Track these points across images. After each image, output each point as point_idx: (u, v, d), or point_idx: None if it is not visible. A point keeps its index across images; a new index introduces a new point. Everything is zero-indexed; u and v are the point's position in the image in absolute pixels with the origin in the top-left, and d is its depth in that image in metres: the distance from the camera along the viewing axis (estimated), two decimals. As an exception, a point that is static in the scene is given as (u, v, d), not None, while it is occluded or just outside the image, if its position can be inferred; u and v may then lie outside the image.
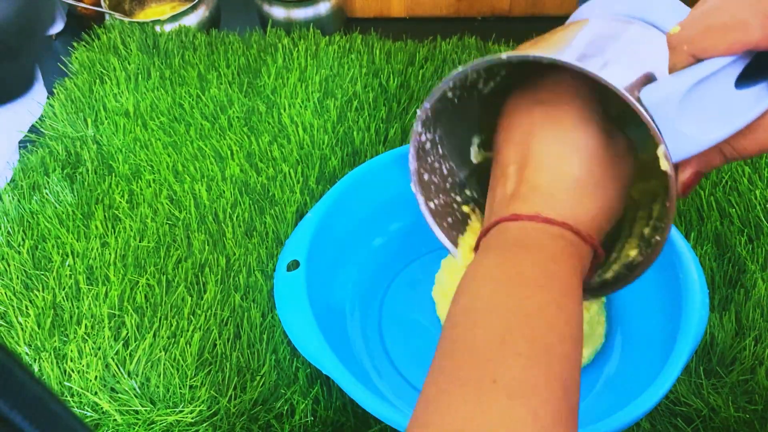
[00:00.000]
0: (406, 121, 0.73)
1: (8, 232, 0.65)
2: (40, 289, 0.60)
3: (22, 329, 0.57)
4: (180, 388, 0.53)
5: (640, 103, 0.34)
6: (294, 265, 0.55)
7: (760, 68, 0.33)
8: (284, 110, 0.75)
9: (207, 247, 0.63)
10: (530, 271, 0.35)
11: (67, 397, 0.53)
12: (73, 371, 0.54)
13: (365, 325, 0.59)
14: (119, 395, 0.53)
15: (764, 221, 0.62)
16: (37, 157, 0.72)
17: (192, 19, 0.87)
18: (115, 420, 0.52)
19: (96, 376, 0.54)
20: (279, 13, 0.86)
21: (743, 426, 0.50)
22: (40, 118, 0.78)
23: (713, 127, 0.33)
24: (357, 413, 0.52)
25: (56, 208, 0.67)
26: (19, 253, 0.63)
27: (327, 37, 0.84)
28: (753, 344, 0.54)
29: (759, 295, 0.57)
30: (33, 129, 0.78)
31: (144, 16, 0.93)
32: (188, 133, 0.73)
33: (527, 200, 0.38)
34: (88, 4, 0.90)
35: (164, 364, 0.54)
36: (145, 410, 0.52)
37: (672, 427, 0.51)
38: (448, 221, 0.49)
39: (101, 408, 0.52)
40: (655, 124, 0.34)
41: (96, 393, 0.53)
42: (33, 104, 0.78)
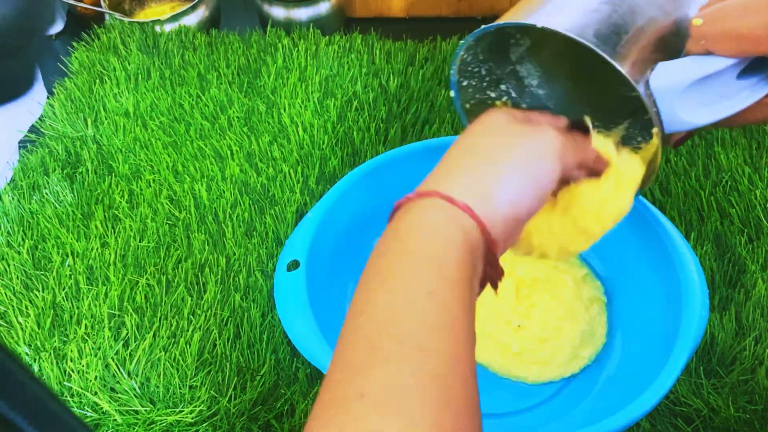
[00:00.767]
0: (406, 121, 0.73)
1: (8, 232, 0.65)
2: (40, 289, 0.60)
3: (22, 329, 0.57)
4: (180, 388, 0.53)
5: (647, 87, 0.36)
6: (294, 265, 0.55)
7: (759, 62, 0.36)
8: (284, 110, 0.75)
9: (207, 247, 0.63)
10: (400, 259, 0.33)
11: (67, 397, 0.53)
12: (73, 371, 0.54)
13: (365, 325, 0.59)
14: (119, 395, 0.53)
15: (764, 221, 0.62)
16: (37, 157, 0.72)
17: (192, 19, 0.87)
18: (115, 420, 0.52)
19: (96, 376, 0.54)
20: (279, 13, 0.86)
21: (743, 426, 0.50)
22: (40, 118, 0.78)
23: (709, 112, 0.36)
24: (357, 413, 0.52)
25: (56, 208, 0.67)
26: (19, 253, 0.63)
27: (327, 37, 0.84)
28: (753, 344, 0.53)
29: (759, 295, 0.57)
30: (33, 129, 0.78)
31: (144, 16, 0.93)
32: (188, 133, 0.73)
33: (436, 179, 0.37)
34: (88, 4, 0.90)
35: (164, 364, 0.54)
36: (145, 410, 0.52)
37: (672, 427, 0.51)
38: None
39: (101, 408, 0.52)
40: (656, 109, 0.36)
41: (96, 393, 0.53)
42: (33, 104, 0.78)
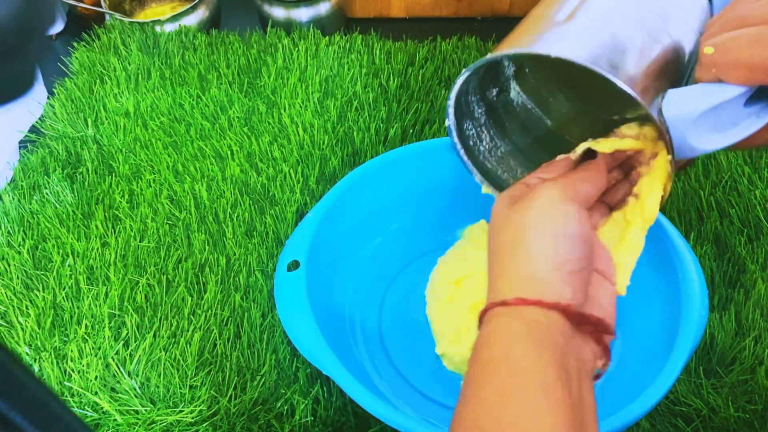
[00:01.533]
0: (406, 121, 0.73)
1: (8, 232, 0.65)
2: (41, 289, 0.60)
3: (23, 329, 0.57)
4: (180, 388, 0.53)
5: (660, 115, 0.37)
6: (294, 266, 0.55)
7: (763, 89, 0.36)
8: (284, 110, 0.75)
9: (207, 247, 0.63)
10: (523, 363, 0.34)
11: (67, 397, 0.53)
12: (73, 371, 0.54)
13: (365, 325, 0.59)
14: (119, 395, 0.53)
15: (764, 221, 0.62)
16: (38, 157, 0.72)
17: (192, 19, 0.87)
18: (115, 420, 0.52)
19: (96, 376, 0.54)
20: (279, 13, 0.86)
21: (743, 426, 0.50)
22: (40, 118, 0.78)
23: (719, 138, 0.36)
24: (357, 413, 0.52)
25: (56, 208, 0.67)
26: (19, 253, 0.63)
27: (327, 38, 0.84)
28: (753, 344, 0.54)
29: (759, 295, 0.57)
30: (33, 129, 0.78)
31: (144, 16, 0.93)
32: (188, 133, 0.73)
33: (525, 285, 0.38)
34: (88, 4, 0.90)
35: (164, 364, 0.54)
36: (145, 410, 0.52)
37: (672, 427, 0.51)
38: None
39: (101, 408, 0.52)
40: (669, 137, 0.37)
41: (96, 393, 0.53)
42: (33, 104, 0.78)
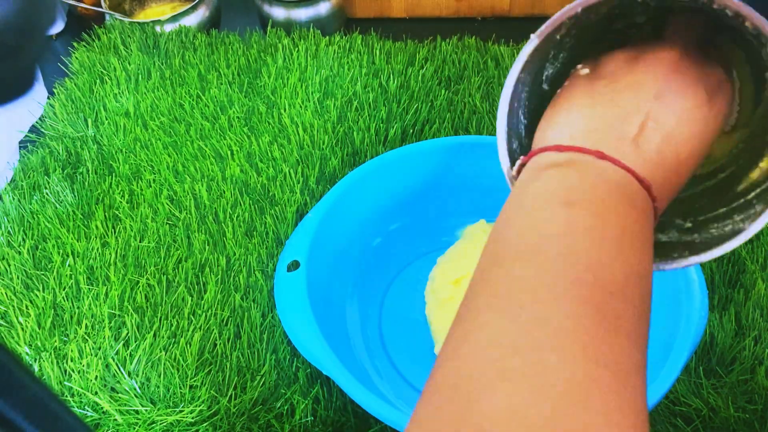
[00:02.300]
0: (406, 121, 0.73)
1: (8, 232, 0.65)
2: (41, 289, 0.60)
3: (23, 329, 0.57)
4: (180, 388, 0.53)
5: None
6: (294, 266, 0.55)
7: None
8: (284, 110, 0.75)
9: (207, 247, 0.63)
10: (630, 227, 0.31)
11: (67, 397, 0.53)
12: (73, 371, 0.54)
13: (365, 325, 0.60)
14: (119, 395, 0.53)
15: (764, 221, 0.62)
16: (38, 157, 0.72)
17: (192, 20, 0.87)
18: (116, 420, 0.52)
19: (96, 376, 0.54)
20: (279, 13, 0.86)
21: (743, 426, 0.50)
22: (40, 118, 0.78)
23: None
24: (357, 413, 0.53)
25: (56, 208, 0.67)
26: (19, 253, 0.63)
27: (327, 38, 0.84)
28: (753, 344, 0.54)
29: (759, 295, 0.57)
30: (33, 129, 0.78)
31: (144, 16, 0.93)
32: (188, 133, 0.73)
33: (640, 146, 0.33)
34: (89, 4, 0.90)
35: (164, 364, 0.54)
36: (146, 410, 0.52)
37: (672, 426, 0.51)
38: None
39: (101, 408, 0.52)
40: None
41: (96, 393, 0.53)
42: (33, 104, 0.78)
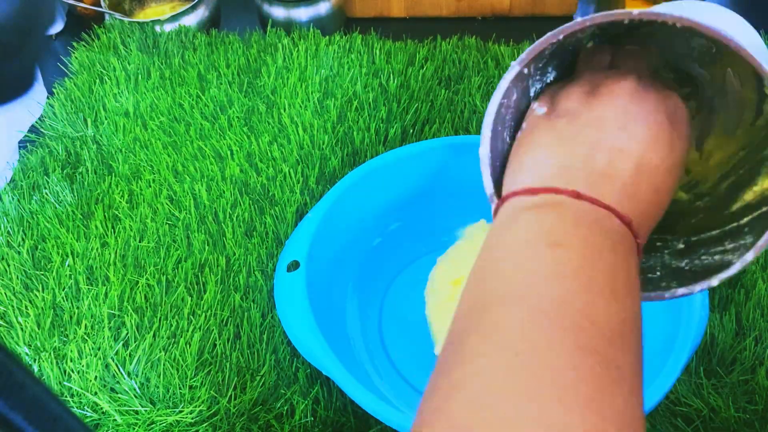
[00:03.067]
0: (406, 121, 0.73)
1: (8, 232, 0.65)
2: (40, 289, 0.60)
3: (22, 329, 0.57)
4: (180, 388, 0.53)
5: None
6: (294, 266, 0.55)
7: None
8: (284, 110, 0.75)
9: (207, 247, 0.63)
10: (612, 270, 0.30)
11: (67, 397, 0.53)
12: (73, 371, 0.54)
13: (365, 325, 0.59)
14: (119, 395, 0.53)
15: (764, 221, 0.62)
16: (37, 157, 0.72)
17: (192, 19, 0.87)
18: (115, 420, 0.52)
19: (96, 377, 0.54)
20: (279, 13, 0.86)
21: (743, 426, 0.50)
22: (39, 118, 0.78)
23: None
24: (357, 413, 0.52)
25: (56, 208, 0.67)
26: (19, 253, 0.63)
27: (327, 37, 0.84)
28: (753, 344, 0.53)
29: (759, 295, 0.57)
30: (33, 129, 0.78)
31: (144, 16, 0.93)
32: (188, 133, 0.73)
33: (597, 181, 0.32)
34: (88, 4, 0.90)
35: (164, 364, 0.54)
36: (145, 410, 0.52)
37: (672, 427, 0.51)
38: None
39: (101, 408, 0.52)
40: None
41: (96, 393, 0.53)
42: (33, 104, 0.78)
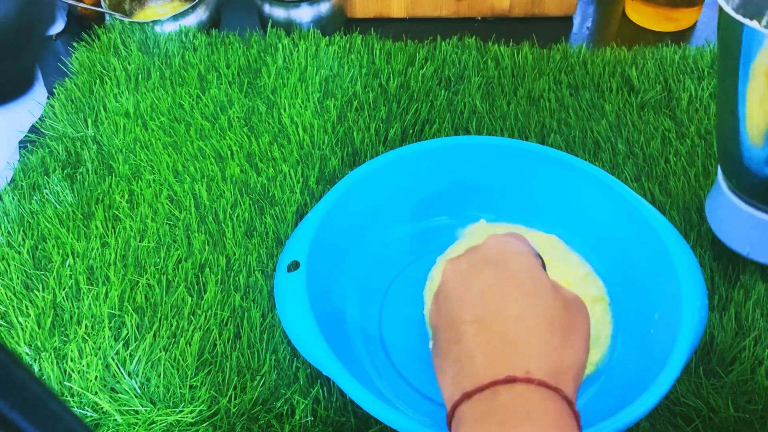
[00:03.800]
0: (406, 121, 0.73)
1: (8, 232, 0.65)
2: (40, 289, 0.60)
3: (22, 329, 0.57)
4: (180, 388, 0.53)
5: None
6: (294, 266, 0.55)
7: None
8: (284, 110, 0.75)
9: (207, 247, 0.63)
10: None
11: (67, 397, 0.53)
12: (73, 371, 0.54)
13: (365, 325, 0.59)
14: (119, 395, 0.53)
15: (764, 221, 0.62)
16: (37, 157, 0.72)
17: (192, 20, 0.87)
18: (115, 420, 0.52)
19: (96, 376, 0.54)
20: (279, 13, 0.86)
21: (743, 426, 0.50)
22: (40, 118, 0.78)
23: None
24: (357, 413, 0.52)
25: (56, 208, 0.67)
26: (19, 253, 0.63)
27: (327, 38, 0.84)
28: (753, 344, 0.54)
29: (759, 295, 0.57)
30: (33, 129, 0.78)
31: (144, 16, 0.93)
32: (188, 133, 0.73)
33: (505, 360, 0.33)
34: (88, 4, 0.90)
35: (164, 364, 0.54)
36: (145, 410, 0.52)
37: (672, 426, 0.51)
38: None
39: (101, 408, 0.52)
40: None
41: (96, 393, 0.53)
42: (33, 104, 0.78)
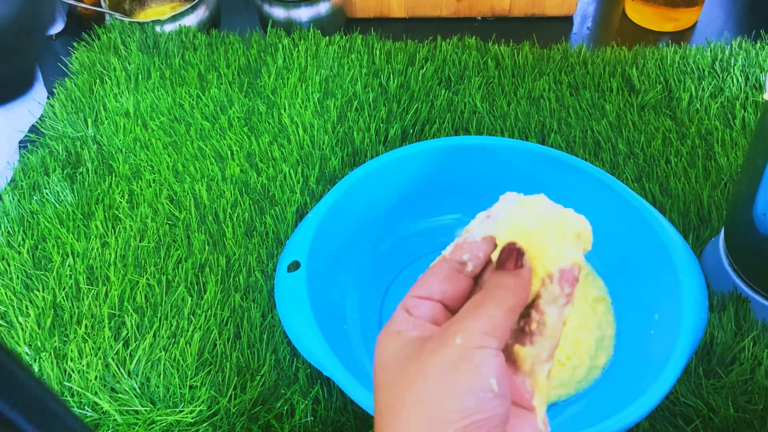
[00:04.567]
0: (406, 121, 0.73)
1: (8, 232, 0.65)
2: (40, 289, 0.60)
3: (22, 329, 0.57)
4: (180, 388, 0.53)
5: None
6: (294, 266, 0.55)
7: None
8: (284, 110, 0.75)
9: (207, 247, 0.63)
10: None
11: (67, 397, 0.53)
12: (73, 371, 0.54)
13: (365, 325, 0.59)
14: (119, 395, 0.53)
15: (764, 221, 0.62)
16: (38, 157, 0.72)
17: (192, 20, 0.87)
18: (115, 420, 0.52)
19: (96, 376, 0.54)
20: (279, 13, 0.86)
21: (743, 426, 0.50)
22: (40, 118, 0.78)
23: None
24: (357, 413, 0.53)
25: (56, 208, 0.67)
26: (19, 253, 0.63)
27: (327, 38, 0.84)
28: (752, 344, 0.54)
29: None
30: (33, 129, 0.78)
31: (144, 16, 0.93)
32: (188, 133, 0.73)
33: None
34: (88, 4, 0.90)
35: (164, 364, 0.54)
36: (145, 410, 0.52)
37: (672, 427, 0.51)
38: None
39: (101, 408, 0.52)
40: None
41: (96, 393, 0.53)
42: (33, 104, 0.78)
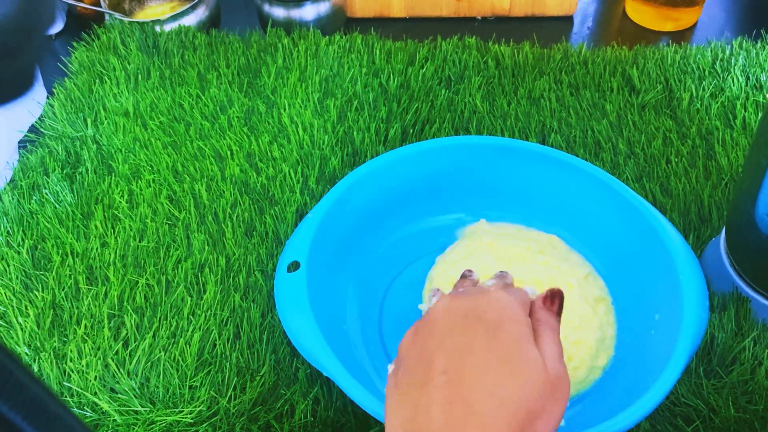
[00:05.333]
0: (406, 121, 0.73)
1: (8, 232, 0.65)
2: (40, 289, 0.60)
3: (22, 329, 0.57)
4: (180, 389, 0.53)
5: None
6: (294, 266, 0.55)
7: None
8: (284, 110, 0.75)
9: (207, 247, 0.63)
10: None
11: (66, 397, 0.53)
12: (72, 371, 0.54)
13: (365, 325, 0.59)
14: (119, 395, 0.53)
15: (764, 222, 0.62)
16: (37, 157, 0.72)
17: (192, 19, 0.87)
18: (115, 420, 0.52)
19: (95, 376, 0.54)
20: (279, 13, 0.86)
21: (743, 426, 0.50)
22: (39, 118, 0.78)
23: None
24: (357, 414, 0.52)
25: (56, 208, 0.67)
26: (18, 253, 0.63)
27: (327, 37, 0.84)
28: (753, 345, 0.53)
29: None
30: (33, 129, 0.78)
31: (144, 16, 0.93)
32: (188, 133, 0.73)
33: (461, 429, 0.31)
34: (88, 4, 0.90)
35: (164, 364, 0.54)
36: (145, 410, 0.52)
37: (672, 427, 0.51)
38: None
39: (101, 408, 0.52)
40: None
41: (95, 393, 0.53)
42: (33, 104, 0.78)
